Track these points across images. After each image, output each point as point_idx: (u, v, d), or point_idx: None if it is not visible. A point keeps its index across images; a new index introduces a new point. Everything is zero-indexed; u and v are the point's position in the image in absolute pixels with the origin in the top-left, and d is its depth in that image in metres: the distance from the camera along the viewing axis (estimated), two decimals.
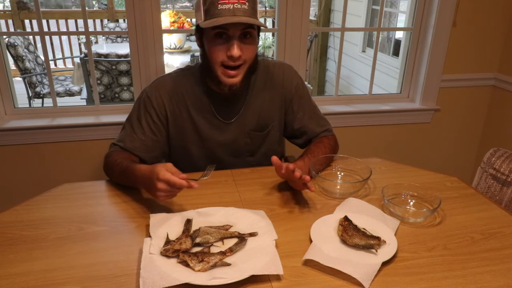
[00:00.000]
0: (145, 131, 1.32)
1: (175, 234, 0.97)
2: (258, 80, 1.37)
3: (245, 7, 1.15)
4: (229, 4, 1.14)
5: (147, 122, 1.32)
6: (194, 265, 0.87)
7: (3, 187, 2.01)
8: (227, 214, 1.07)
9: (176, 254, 0.90)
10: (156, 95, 1.32)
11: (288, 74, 1.41)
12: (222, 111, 1.35)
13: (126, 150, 1.29)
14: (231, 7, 1.14)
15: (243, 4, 1.15)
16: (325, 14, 4.89)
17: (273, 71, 1.40)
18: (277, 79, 1.40)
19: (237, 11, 1.14)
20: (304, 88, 1.44)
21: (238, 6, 1.15)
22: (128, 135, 1.32)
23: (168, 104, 1.33)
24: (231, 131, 1.37)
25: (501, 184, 1.44)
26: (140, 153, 1.31)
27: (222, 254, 0.91)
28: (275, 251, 0.92)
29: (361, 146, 2.36)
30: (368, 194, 1.22)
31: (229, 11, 1.14)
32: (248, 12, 1.16)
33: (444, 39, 2.17)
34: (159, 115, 1.32)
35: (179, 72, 1.39)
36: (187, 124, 1.35)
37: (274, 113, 1.41)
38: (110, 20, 5.43)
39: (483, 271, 0.90)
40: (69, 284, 0.85)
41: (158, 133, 1.34)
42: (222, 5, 1.14)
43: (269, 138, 1.44)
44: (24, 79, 3.69)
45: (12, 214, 1.09)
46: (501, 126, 2.37)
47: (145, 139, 1.32)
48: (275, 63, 1.43)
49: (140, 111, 1.33)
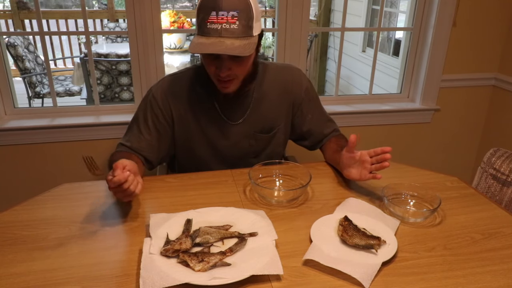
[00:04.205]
0: (151, 131, 1.32)
1: (175, 234, 0.97)
2: (266, 83, 1.37)
3: (234, 27, 1.10)
4: (217, 24, 1.09)
5: (153, 122, 1.32)
6: (194, 265, 0.87)
7: (3, 187, 2.01)
8: (227, 214, 1.07)
9: (176, 254, 0.90)
10: (162, 95, 1.32)
11: (297, 77, 1.41)
12: (228, 112, 1.35)
13: (133, 150, 1.30)
14: (219, 27, 1.09)
15: (233, 23, 1.10)
16: (325, 14, 4.89)
17: (282, 74, 1.39)
18: (286, 83, 1.39)
19: (225, 32, 1.09)
20: (313, 90, 1.44)
21: (227, 27, 1.09)
22: (134, 135, 1.33)
23: (174, 104, 1.33)
24: (237, 132, 1.37)
25: (501, 184, 1.44)
26: (147, 153, 1.31)
27: (222, 254, 0.90)
28: (275, 251, 0.92)
29: (361, 146, 2.35)
30: (368, 194, 1.22)
31: (216, 32, 1.10)
32: (238, 32, 1.10)
33: (444, 39, 2.17)
34: (165, 115, 1.33)
35: (185, 71, 1.38)
36: (192, 124, 1.35)
37: (281, 116, 1.41)
38: (110, 20, 5.43)
39: (483, 271, 0.90)
40: (69, 284, 0.85)
41: (164, 133, 1.34)
42: (211, 24, 1.10)
43: (274, 141, 1.44)
44: (24, 79, 3.69)
45: (12, 214, 1.09)
46: (501, 126, 2.37)
47: (151, 139, 1.32)
48: (284, 67, 1.43)
49: (147, 111, 1.33)
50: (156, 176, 1.46)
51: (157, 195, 1.20)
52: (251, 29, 1.14)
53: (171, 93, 1.33)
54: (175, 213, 1.06)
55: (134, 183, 1.02)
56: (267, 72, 1.38)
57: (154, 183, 1.27)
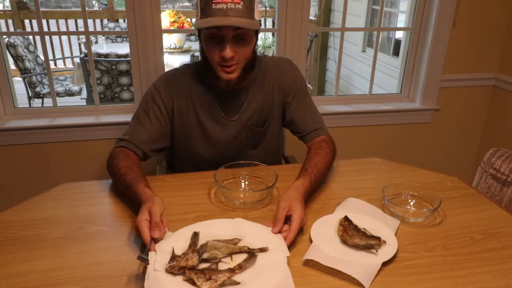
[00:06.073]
0: (153, 122, 1.32)
1: (181, 248, 0.92)
2: (259, 78, 1.39)
3: (239, 7, 1.15)
4: (222, 4, 1.14)
5: (155, 113, 1.33)
6: (201, 283, 0.82)
7: (3, 187, 2.01)
8: (235, 227, 1.01)
9: (182, 271, 0.86)
10: (165, 88, 1.34)
11: (285, 67, 1.43)
12: (226, 108, 1.37)
13: (132, 143, 1.28)
14: (224, 7, 1.14)
15: (237, 3, 1.14)
16: (325, 14, 4.89)
17: (272, 66, 1.41)
18: (276, 73, 1.41)
19: (230, 11, 1.14)
20: (302, 81, 1.44)
21: (232, 6, 1.14)
22: (134, 127, 1.32)
23: (176, 98, 1.35)
24: (234, 127, 1.40)
25: (501, 184, 1.44)
26: (146, 145, 1.29)
27: (231, 271, 0.86)
28: (287, 269, 0.87)
29: (361, 146, 2.36)
30: (368, 194, 1.22)
31: (222, 11, 1.14)
32: (242, 12, 1.15)
33: (444, 39, 2.17)
34: (166, 107, 1.34)
35: (185, 67, 1.40)
36: (192, 119, 1.37)
37: (273, 107, 1.42)
38: (110, 20, 5.43)
39: (483, 271, 0.90)
40: (69, 284, 0.85)
41: (165, 125, 1.35)
42: (216, 4, 1.14)
43: (269, 131, 1.45)
44: (24, 79, 3.69)
45: (12, 214, 1.09)
46: (501, 126, 2.37)
47: (152, 130, 1.32)
48: (274, 59, 1.45)
49: (148, 103, 1.34)
50: (156, 176, 1.46)
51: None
52: (253, 12, 1.19)
53: (174, 87, 1.35)
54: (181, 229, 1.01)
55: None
56: (261, 65, 1.40)
57: (154, 183, 1.27)
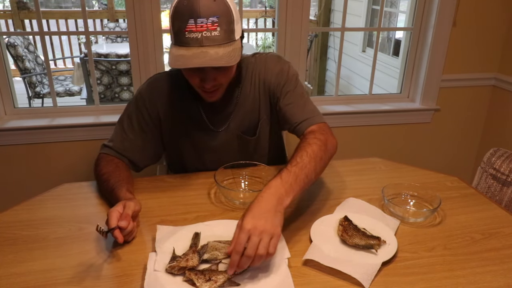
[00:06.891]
0: (135, 130, 1.27)
1: (182, 249, 0.93)
2: (245, 83, 1.31)
3: (215, 34, 1.02)
4: (196, 32, 1.01)
5: (138, 121, 1.28)
6: (200, 284, 0.82)
7: (3, 187, 2.01)
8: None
9: (182, 271, 0.86)
10: (150, 95, 1.28)
11: (270, 63, 1.30)
12: (213, 119, 1.31)
13: (116, 151, 1.26)
14: (199, 36, 1.02)
15: (213, 30, 1.02)
16: (325, 14, 4.89)
17: (260, 66, 1.31)
18: (261, 73, 1.30)
19: (206, 41, 1.02)
20: (289, 74, 1.29)
21: (208, 34, 1.02)
22: (118, 134, 1.28)
23: (161, 105, 1.28)
24: (223, 136, 1.33)
25: (501, 184, 1.44)
26: (131, 153, 1.27)
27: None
28: (287, 271, 0.87)
29: (361, 146, 2.36)
30: (368, 194, 1.22)
31: (196, 41, 1.02)
32: (220, 39, 1.03)
33: (444, 39, 2.17)
34: (151, 114, 1.28)
35: (174, 73, 1.32)
36: (179, 127, 1.31)
37: (260, 110, 1.34)
38: (110, 20, 5.44)
39: (483, 271, 0.90)
40: (69, 284, 0.85)
41: (150, 132, 1.29)
42: (190, 33, 1.02)
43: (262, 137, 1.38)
44: (24, 79, 3.69)
45: (12, 214, 1.09)
46: (501, 126, 2.37)
47: (135, 138, 1.27)
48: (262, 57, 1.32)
49: (132, 110, 1.29)
50: (156, 176, 1.46)
51: (157, 195, 1.20)
52: (233, 33, 1.08)
53: (159, 93, 1.28)
54: (182, 226, 1.02)
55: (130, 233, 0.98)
56: (248, 69, 1.31)
57: (154, 183, 1.27)
